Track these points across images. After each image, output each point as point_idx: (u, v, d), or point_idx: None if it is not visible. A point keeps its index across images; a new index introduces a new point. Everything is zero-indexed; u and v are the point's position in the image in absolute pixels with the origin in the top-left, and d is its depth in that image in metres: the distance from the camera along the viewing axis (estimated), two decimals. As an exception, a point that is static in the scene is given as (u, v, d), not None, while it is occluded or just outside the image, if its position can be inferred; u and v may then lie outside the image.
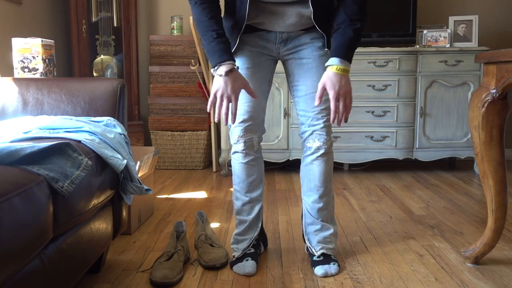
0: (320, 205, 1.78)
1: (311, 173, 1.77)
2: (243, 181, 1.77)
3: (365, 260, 1.85)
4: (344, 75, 1.58)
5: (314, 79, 1.70)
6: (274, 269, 1.77)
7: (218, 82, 1.56)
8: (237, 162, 1.76)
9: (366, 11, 1.62)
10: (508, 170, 1.96)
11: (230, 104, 1.56)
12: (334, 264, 1.73)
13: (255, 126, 1.72)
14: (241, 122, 1.70)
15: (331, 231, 1.80)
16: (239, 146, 1.73)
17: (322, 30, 1.67)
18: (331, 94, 1.57)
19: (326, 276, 1.69)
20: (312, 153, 1.75)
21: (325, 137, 1.73)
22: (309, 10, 1.63)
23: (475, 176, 3.39)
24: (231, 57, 1.57)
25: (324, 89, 1.58)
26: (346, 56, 1.59)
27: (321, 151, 1.74)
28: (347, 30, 1.59)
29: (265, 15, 1.66)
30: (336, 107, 1.58)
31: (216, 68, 1.57)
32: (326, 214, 1.79)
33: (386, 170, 3.62)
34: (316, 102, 1.60)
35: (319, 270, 1.71)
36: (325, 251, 1.76)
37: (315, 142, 1.73)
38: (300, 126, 1.78)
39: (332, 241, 1.81)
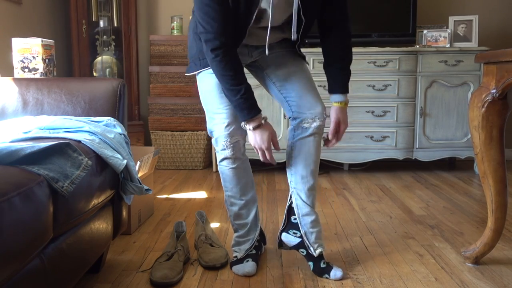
0: (314, 191, 1.76)
1: (308, 154, 1.72)
2: (236, 186, 1.75)
3: (365, 260, 1.84)
4: (345, 108, 1.78)
5: (289, 66, 1.76)
6: (274, 269, 1.77)
7: (250, 136, 1.67)
8: (227, 168, 1.73)
9: (351, 45, 1.79)
10: (508, 170, 1.96)
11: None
12: (337, 267, 1.72)
13: (239, 129, 1.69)
14: (226, 126, 1.67)
15: (318, 219, 1.78)
16: (228, 152, 1.69)
17: (298, 49, 1.79)
18: (343, 127, 1.76)
19: (343, 277, 1.68)
20: (310, 133, 1.72)
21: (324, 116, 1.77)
22: (293, 36, 1.66)
23: (475, 176, 3.39)
24: (258, 111, 1.63)
25: (338, 123, 1.75)
26: (347, 89, 1.76)
27: (317, 128, 1.73)
28: (344, 66, 1.75)
29: (249, 36, 1.67)
30: (339, 135, 1.78)
31: (244, 123, 1.64)
32: (315, 199, 1.79)
33: (386, 170, 3.62)
34: (332, 140, 1.77)
35: (336, 272, 1.67)
36: (321, 250, 1.73)
37: (315, 122, 1.72)
38: (292, 109, 1.76)
39: (322, 236, 1.79)
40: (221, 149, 1.71)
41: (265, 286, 1.63)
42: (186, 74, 1.82)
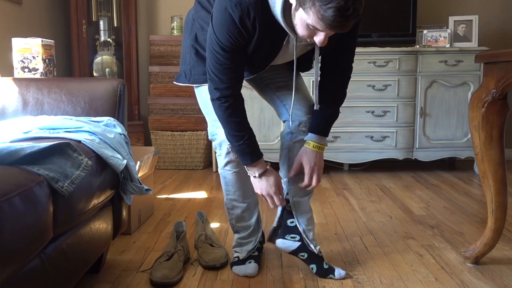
0: (311, 190, 1.77)
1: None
2: (239, 189, 1.74)
3: (365, 260, 1.84)
4: (319, 152, 1.67)
5: (285, 71, 1.74)
6: (274, 269, 1.77)
7: (256, 183, 1.65)
8: (231, 172, 1.73)
9: (346, 88, 1.72)
10: (508, 170, 1.96)
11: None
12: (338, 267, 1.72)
13: None
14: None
15: (313, 217, 1.79)
16: (232, 156, 1.69)
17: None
18: (306, 169, 1.66)
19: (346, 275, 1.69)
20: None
21: None
22: (316, 106, 1.65)
23: (475, 176, 3.39)
24: (260, 156, 1.62)
25: (300, 164, 1.67)
26: (324, 132, 1.68)
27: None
28: (328, 108, 1.67)
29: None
30: (309, 180, 1.67)
31: (248, 168, 1.63)
32: (311, 197, 1.79)
33: (386, 170, 3.62)
34: (291, 174, 1.70)
35: (340, 272, 1.68)
36: (319, 247, 1.74)
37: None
38: (289, 112, 1.74)
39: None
40: (225, 152, 1.70)
41: (265, 286, 1.63)
42: (174, 83, 1.79)
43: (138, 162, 2.10)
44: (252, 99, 3.33)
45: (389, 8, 3.59)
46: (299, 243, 1.72)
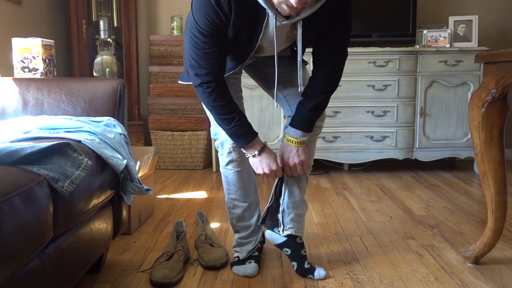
0: (306, 181, 1.77)
1: (308, 150, 1.72)
2: (240, 189, 1.75)
3: (365, 260, 1.85)
4: (295, 146, 1.63)
5: (288, 66, 1.71)
6: (274, 269, 1.77)
7: (255, 162, 1.62)
8: (232, 171, 1.73)
9: (337, 83, 1.64)
10: (508, 170, 1.96)
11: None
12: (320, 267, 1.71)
13: None
14: None
15: (304, 207, 1.77)
16: (234, 155, 1.69)
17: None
18: (282, 163, 1.65)
19: (326, 275, 1.69)
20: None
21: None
22: (300, 88, 1.62)
23: (475, 176, 3.39)
24: (255, 135, 1.60)
25: (290, 163, 1.65)
26: (303, 127, 1.63)
27: (317, 127, 1.73)
28: (309, 102, 1.62)
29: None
30: (287, 172, 1.67)
31: (244, 149, 1.61)
32: (305, 187, 1.80)
33: (386, 170, 3.62)
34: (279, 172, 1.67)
35: (319, 272, 1.68)
36: (294, 233, 1.71)
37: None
38: (291, 108, 1.74)
39: (301, 222, 1.78)
40: (227, 152, 1.70)
41: (265, 286, 1.63)
42: (179, 82, 1.79)
43: (138, 162, 2.10)
44: (252, 99, 3.33)
45: (389, 8, 3.59)
46: (285, 238, 1.72)
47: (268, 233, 1.75)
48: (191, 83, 1.71)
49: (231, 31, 1.47)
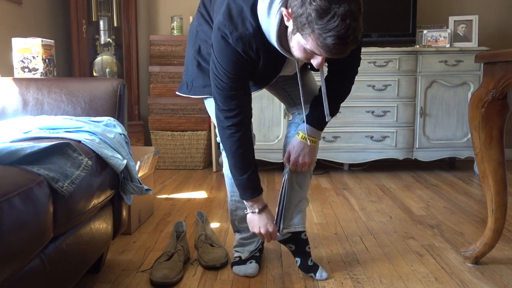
0: (309, 177, 1.78)
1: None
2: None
3: (365, 260, 1.85)
4: (307, 144, 1.64)
5: (292, 64, 1.71)
6: (274, 269, 1.77)
7: (253, 219, 1.63)
8: None
9: (351, 85, 1.68)
10: (508, 170, 1.96)
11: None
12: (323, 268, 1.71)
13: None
14: None
15: (304, 201, 1.79)
16: None
17: None
18: (291, 158, 1.66)
19: (328, 277, 1.68)
20: None
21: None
22: (327, 118, 1.64)
23: (475, 176, 3.39)
24: (261, 191, 1.60)
25: (289, 152, 1.67)
26: (318, 126, 1.64)
27: None
28: (335, 105, 1.64)
29: None
30: (293, 167, 1.68)
31: (247, 203, 1.62)
32: (308, 183, 1.81)
33: (386, 170, 3.62)
34: (286, 164, 1.69)
35: (322, 274, 1.68)
36: (290, 231, 1.72)
37: None
38: (296, 104, 1.76)
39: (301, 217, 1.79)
40: None
41: (265, 286, 1.63)
42: (176, 93, 1.79)
43: (138, 162, 2.10)
44: (252, 99, 3.32)
45: (389, 8, 3.59)
46: (289, 234, 1.72)
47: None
48: (190, 96, 1.72)
49: (260, 68, 1.50)
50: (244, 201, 1.63)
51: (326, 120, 1.62)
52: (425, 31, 3.58)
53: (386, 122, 3.42)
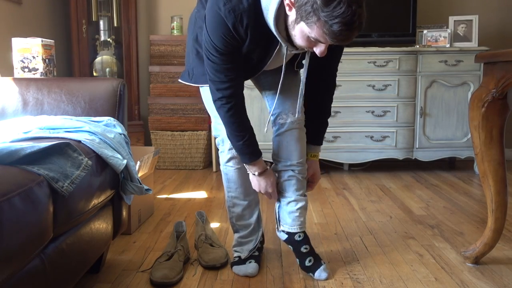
0: (299, 178, 1.80)
1: (289, 147, 1.76)
2: (241, 186, 1.75)
3: (365, 260, 1.85)
4: (315, 160, 1.85)
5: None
6: (274, 269, 1.77)
7: (254, 180, 1.70)
8: (233, 168, 1.73)
9: (331, 103, 1.82)
10: (508, 170, 1.96)
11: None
12: (323, 262, 1.72)
13: None
14: None
15: (302, 204, 1.85)
16: (234, 152, 1.69)
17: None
18: (317, 178, 1.85)
19: (328, 278, 1.68)
20: (286, 128, 1.75)
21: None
22: (297, 115, 1.74)
23: (475, 176, 3.39)
24: (259, 155, 1.65)
25: (313, 176, 1.83)
26: (317, 142, 1.84)
27: (292, 123, 1.75)
28: (324, 121, 1.82)
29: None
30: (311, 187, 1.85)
31: (247, 166, 1.67)
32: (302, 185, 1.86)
33: (386, 170, 3.62)
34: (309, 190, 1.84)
35: (320, 274, 1.68)
36: (288, 232, 1.78)
37: (289, 117, 1.75)
38: (269, 106, 1.80)
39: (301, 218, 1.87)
40: (228, 148, 1.71)
41: (265, 286, 1.63)
42: (179, 80, 1.80)
43: (138, 162, 2.10)
44: (252, 99, 3.33)
45: (389, 8, 3.59)
46: (286, 235, 1.76)
47: (277, 232, 1.81)
48: (191, 84, 1.72)
49: (245, 50, 1.50)
50: (245, 165, 1.67)
51: (297, 117, 1.71)
52: (425, 31, 3.58)
53: (386, 122, 3.42)
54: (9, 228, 0.92)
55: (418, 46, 3.45)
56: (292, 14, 1.32)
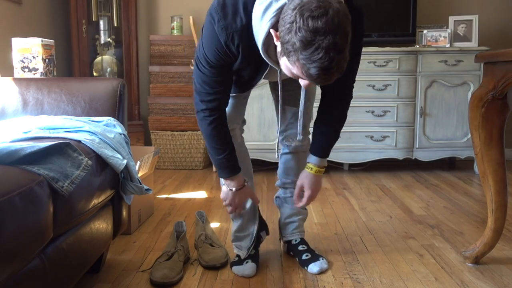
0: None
1: (290, 169, 1.85)
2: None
3: (365, 260, 1.85)
4: (320, 175, 1.69)
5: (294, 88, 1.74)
6: (274, 269, 1.77)
7: (226, 193, 1.66)
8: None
9: (347, 110, 1.70)
10: (508, 170, 1.96)
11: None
12: (322, 259, 1.76)
13: (236, 117, 1.71)
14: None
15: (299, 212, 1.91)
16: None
17: None
18: (308, 193, 1.67)
19: (321, 272, 1.71)
20: (289, 151, 1.84)
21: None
22: (299, 137, 1.72)
23: (475, 176, 3.39)
24: (238, 170, 1.63)
25: (301, 188, 1.69)
26: (326, 154, 1.69)
27: (295, 148, 1.83)
28: (330, 132, 1.67)
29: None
30: (306, 203, 1.70)
31: (224, 180, 1.65)
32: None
33: (386, 170, 3.62)
34: (296, 203, 1.71)
35: (313, 268, 1.72)
36: (296, 237, 1.86)
37: (293, 142, 1.82)
38: (279, 124, 1.82)
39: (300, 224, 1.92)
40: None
41: (265, 286, 1.63)
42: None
43: (138, 162, 2.10)
44: (252, 99, 3.32)
45: (389, 8, 3.59)
46: (286, 244, 1.89)
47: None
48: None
49: (236, 68, 1.50)
50: (222, 179, 1.66)
51: (298, 139, 1.68)
52: (425, 31, 3.58)
53: (386, 122, 3.42)
54: (9, 228, 0.92)
55: (418, 46, 3.45)
56: (278, 45, 1.30)
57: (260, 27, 1.35)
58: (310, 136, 1.83)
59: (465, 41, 3.55)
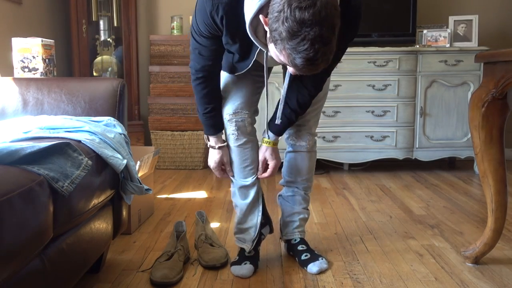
0: (305, 193, 1.90)
1: (295, 167, 1.86)
2: (237, 166, 1.72)
3: (365, 260, 1.85)
4: (276, 147, 1.75)
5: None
6: (274, 269, 1.77)
7: (214, 153, 1.74)
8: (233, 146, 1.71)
9: (316, 95, 1.68)
10: (508, 170, 1.96)
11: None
12: (322, 259, 1.76)
13: (246, 105, 1.70)
14: (233, 104, 1.68)
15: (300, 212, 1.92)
16: (231, 127, 1.68)
17: None
18: (272, 163, 1.73)
19: (321, 272, 1.71)
20: (295, 150, 1.85)
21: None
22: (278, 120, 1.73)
23: (475, 176, 3.39)
24: (218, 131, 1.70)
25: (265, 161, 1.74)
26: (282, 134, 1.75)
27: (301, 147, 1.84)
28: (293, 116, 1.68)
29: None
30: (262, 172, 1.76)
31: (207, 137, 1.72)
32: (305, 200, 1.92)
33: (386, 170, 3.62)
34: (259, 174, 1.75)
35: (312, 268, 1.72)
36: (296, 237, 1.86)
37: (299, 141, 1.84)
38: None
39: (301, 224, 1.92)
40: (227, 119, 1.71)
41: (265, 286, 1.63)
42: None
43: (138, 162, 2.10)
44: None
45: (389, 8, 3.59)
46: (286, 243, 1.91)
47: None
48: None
49: (224, 42, 1.51)
50: (208, 136, 1.71)
51: (277, 122, 1.68)
52: (425, 31, 3.58)
53: (386, 122, 3.42)
54: (9, 228, 0.92)
55: (418, 46, 3.45)
56: (267, 30, 1.29)
57: (250, 5, 1.35)
58: (316, 138, 1.89)
59: (465, 41, 3.55)
